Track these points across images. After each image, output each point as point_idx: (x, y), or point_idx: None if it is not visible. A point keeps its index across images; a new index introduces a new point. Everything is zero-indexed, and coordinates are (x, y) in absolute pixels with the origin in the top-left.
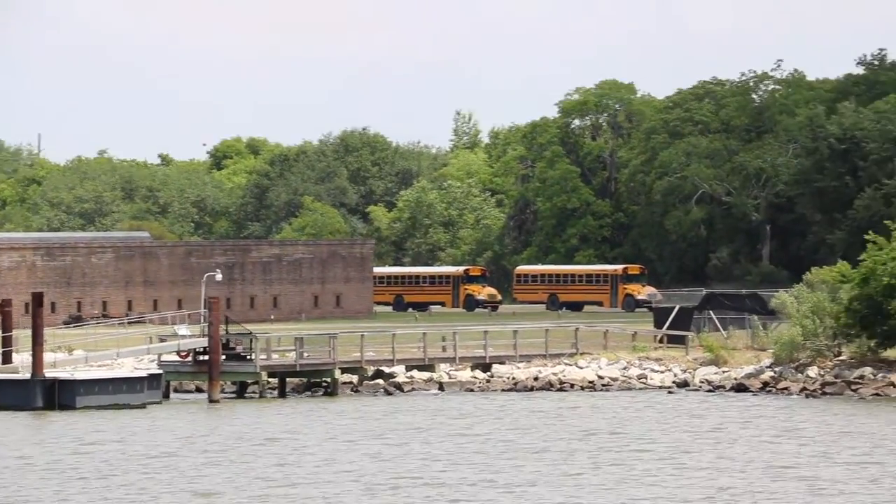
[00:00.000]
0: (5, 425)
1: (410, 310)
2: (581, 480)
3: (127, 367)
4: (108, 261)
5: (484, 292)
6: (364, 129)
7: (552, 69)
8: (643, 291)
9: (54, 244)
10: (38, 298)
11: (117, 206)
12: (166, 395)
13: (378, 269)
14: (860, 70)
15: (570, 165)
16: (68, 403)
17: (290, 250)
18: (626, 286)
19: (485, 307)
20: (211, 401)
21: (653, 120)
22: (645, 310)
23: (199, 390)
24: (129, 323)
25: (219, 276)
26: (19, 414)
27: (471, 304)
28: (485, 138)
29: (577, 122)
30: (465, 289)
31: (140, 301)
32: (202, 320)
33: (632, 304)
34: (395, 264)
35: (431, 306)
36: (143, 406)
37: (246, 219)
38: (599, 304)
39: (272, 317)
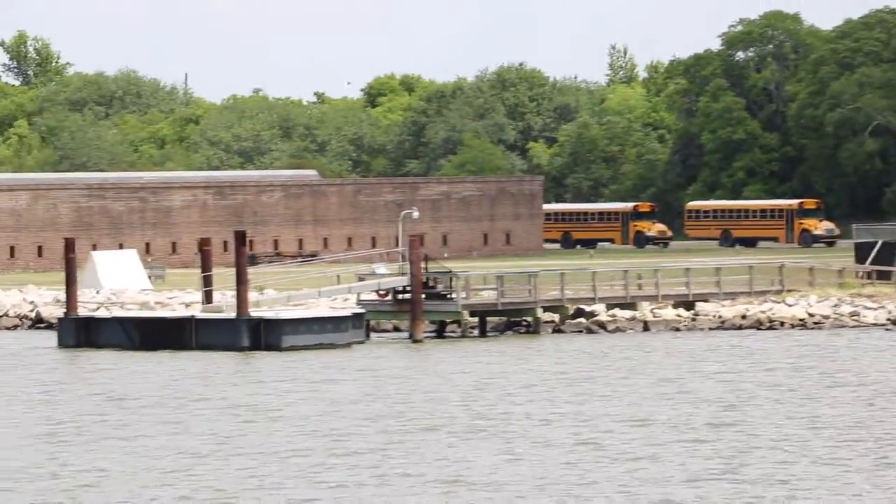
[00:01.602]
0: (224, 365)
1: (579, 246)
2: None
3: (322, 307)
4: (278, 199)
5: (654, 228)
6: (521, 65)
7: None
8: (820, 226)
9: (224, 183)
10: (240, 237)
11: (275, 145)
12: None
13: (546, 206)
14: None
15: (734, 98)
16: (274, 343)
17: (458, 188)
18: (802, 221)
19: (655, 243)
20: (414, 340)
21: (821, 51)
22: (822, 245)
23: (396, 329)
24: (301, 262)
25: (416, 214)
26: (227, 354)
27: (640, 240)
28: (641, 73)
29: (741, 54)
30: (635, 225)
31: (310, 239)
32: (400, 259)
33: (808, 239)
34: (555, 201)
35: (600, 243)
36: (348, 345)
37: (404, 156)
38: (774, 239)
39: (445, 255)
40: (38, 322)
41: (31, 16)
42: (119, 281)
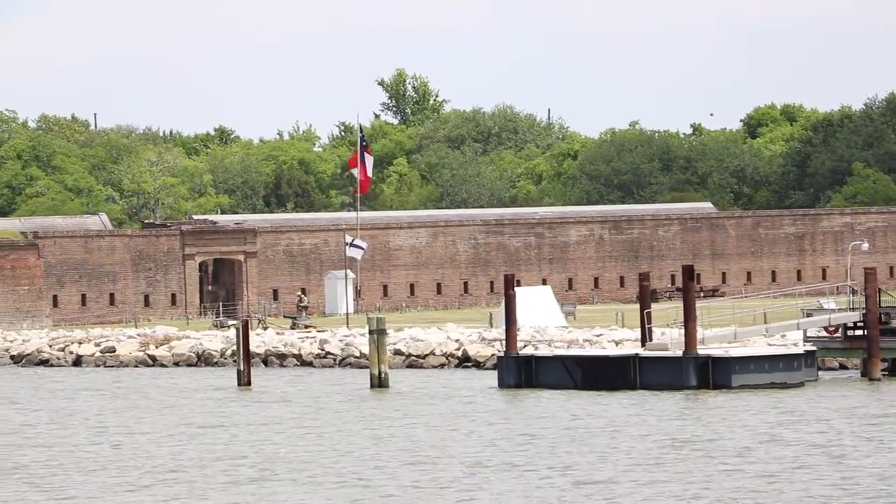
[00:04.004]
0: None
1: None
2: None
3: (760, 344)
4: (675, 233)
5: None
6: None
7: None
8: None
9: (621, 217)
10: (688, 271)
11: (654, 178)
12: None
13: None
14: None
15: None
16: (723, 382)
17: (862, 219)
18: None
19: None
20: (870, 379)
21: None
22: None
23: (842, 367)
24: (703, 296)
25: (865, 246)
26: (676, 394)
27: None
28: None
29: None
30: None
31: (708, 274)
32: (849, 293)
33: None
34: None
35: None
36: (800, 384)
37: (788, 187)
38: None
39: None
40: (464, 361)
41: (410, 55)
42: (536, 318)
